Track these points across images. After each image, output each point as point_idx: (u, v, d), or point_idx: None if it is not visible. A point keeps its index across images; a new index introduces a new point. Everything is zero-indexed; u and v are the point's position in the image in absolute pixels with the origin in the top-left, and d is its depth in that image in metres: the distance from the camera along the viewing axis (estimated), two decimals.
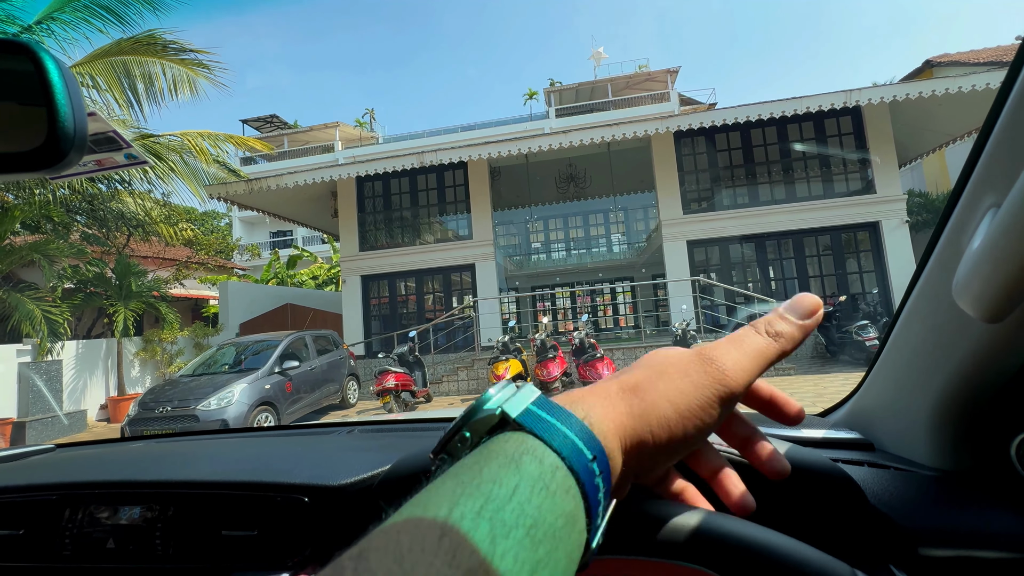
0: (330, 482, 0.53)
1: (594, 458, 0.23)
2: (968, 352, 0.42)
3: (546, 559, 0.18)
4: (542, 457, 0.21)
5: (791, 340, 0.29)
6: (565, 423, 0.23)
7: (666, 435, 0.26)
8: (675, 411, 0.26)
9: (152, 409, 5.60)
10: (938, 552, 0.39)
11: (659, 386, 0.27)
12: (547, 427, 0.23)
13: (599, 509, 0.23)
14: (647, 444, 0.26)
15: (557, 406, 0.25)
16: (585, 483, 0.22)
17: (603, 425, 0.25)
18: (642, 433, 0.26)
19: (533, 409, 0.24)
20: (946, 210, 0.42)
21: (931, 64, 12.28)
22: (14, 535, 0.58)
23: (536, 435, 0.22)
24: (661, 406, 0.26)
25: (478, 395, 0.26)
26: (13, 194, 7.71)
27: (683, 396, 0.27)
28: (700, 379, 0.27)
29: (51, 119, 0.33)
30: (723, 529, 0.29)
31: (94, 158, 0.58)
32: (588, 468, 0.22)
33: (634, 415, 0.26)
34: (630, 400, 0.27)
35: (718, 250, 9.79)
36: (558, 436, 0.23)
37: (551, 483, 0.20)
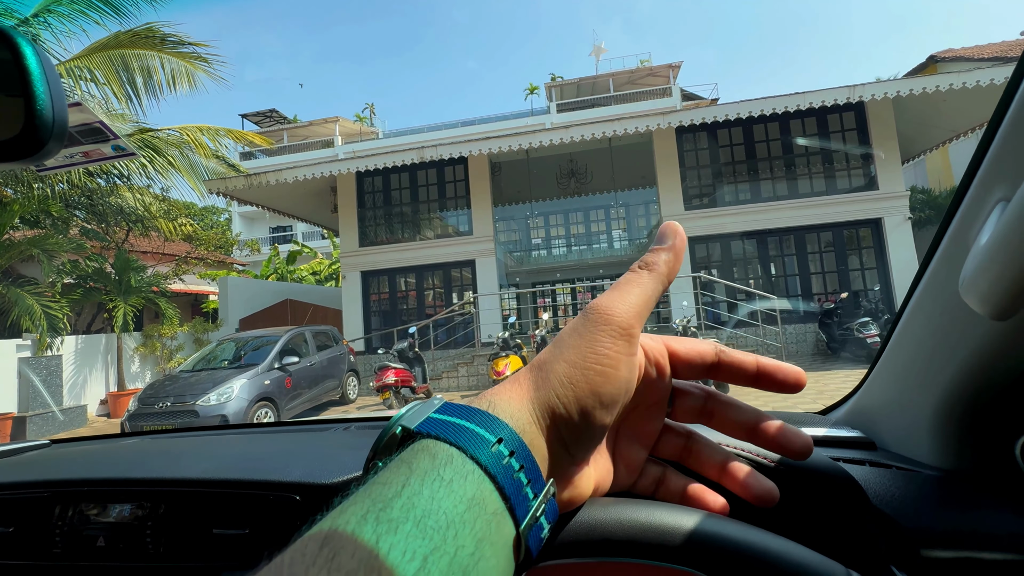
0: (323, 480, 0.52)
1: (499, 440, 0.23)
2: (974, 350, 0.41)
3: (443, 545, 0.18)
4: (435, 452, 0.21)
5: (664, 264, 0.30)
6: (464, 417, 0.23)
7: (572, 392, 0.26)
8: (570, 365, 0.26)
9: (152, 404, 5.62)
10: (940, 553, 0.39)
11: (556, 352, 0.27)
12: (445, 426, 0.23)
13: (524, 490, 0.22)
14: (556, 408, 0.25)
15: (461, 406, 0.25)
16: (488, 465, 0.21)
17: (508, 407, 0.25)
18: (549, 400, 0.25)
19: (434, 416, 0.24)
20: (952, 204, 0.41)
21: (935, 59, 12.21)
22: (5, 532, 0.58)
23: (433, 436, 0.22)
24: (558, 367, 0.26)
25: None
26: (12, 188, 7.69)
27: (574, 350, 0.27)
28: (586, 328, 0.27)
29: (29, 107, 0.32)
30: (715, 531, 0.28)
31: (81, 149, 0.57)
32: (494, 452, 0.22)
33: (538, 386, 0.26)
34: (534, 375, 0.27)
35: (719, 246, 9.77)
36: (456, 430, 0.22)
37: (444, 472, 0.20)
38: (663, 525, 0.29)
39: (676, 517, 0.29)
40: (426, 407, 0.25)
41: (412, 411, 0.25)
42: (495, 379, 6.76)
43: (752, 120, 9.03)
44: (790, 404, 5.33)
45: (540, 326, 7.82)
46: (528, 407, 0.25)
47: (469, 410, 0.24)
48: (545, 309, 12.45)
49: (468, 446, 0.22)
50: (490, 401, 0.25)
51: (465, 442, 0.22)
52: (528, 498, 0.22)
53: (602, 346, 0.26)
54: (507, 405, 0.25)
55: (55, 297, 8.05)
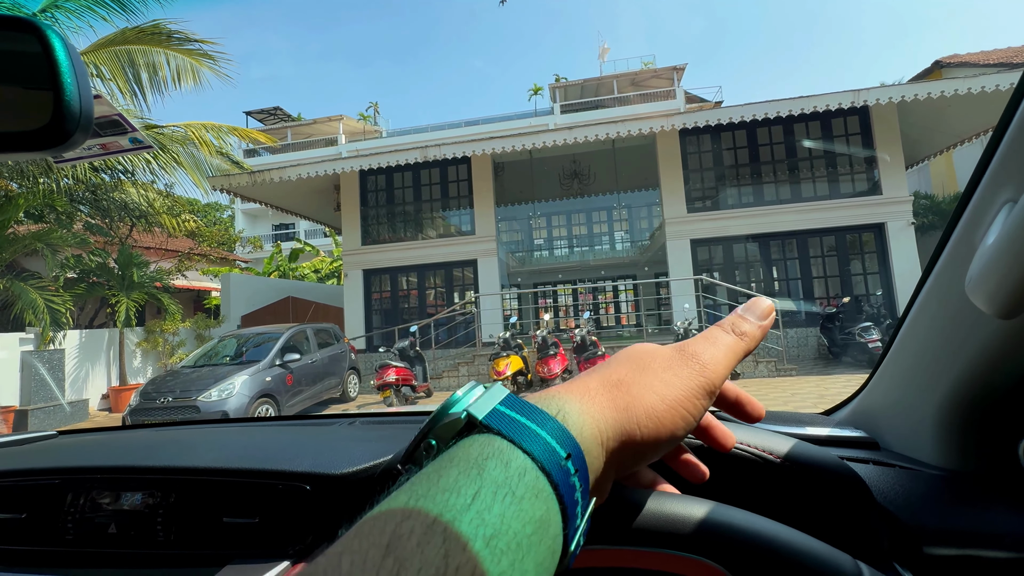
0: (332, 471, 0.53)
1: (568, 456, 0.22)
2: (979, 350, 0.41)
3: (509, 571, 0.17)
4: (509, 460, 0.20)
5: (753, 339, 0.31)
6: (536, 421, 0.22)
7: (654, 426, 0.26)
8: (662, 402, 0.26)
9: (153, 399, 5.63)
10: (943, 551, 0.39)
11: (643, 379, 0.27)
12: (516, 427, 0.22)
13: (576, 510, 0.21)
14: (634, 437, 0.25)
15: (528, 404, 0.24)
16: (559, 483, 0.21)
17: (580, 420, 0.24)
18: (628, 426, 0.25)
19: (501, 409, 0.23)
20: (959, 206, 0.41)
21: (941, 64, 12.19)
22: (16, 519, 0.59)
23: (504, 436, 0.21)
24: (648, 398, 0.26)
25: (471, 382, 0.25)
26: (17, 183, 7.72)
27: (669, 388, 0.27)
28: (684, 371, 0.28)
29: (57, 99, 0.32)
30: (727, 521, 0.29)
31: (99, 141, 0.58)
32: (562, 467, 0.21)
33: (618, 408, 0.25)
34: (613, 394, 0.26)
35: (722, 249, 9.76)
36: (528, 435, 0.21)
37: (518, 487, 0.19)
38: (674, 514, 0.29)
39: (687, 506, 0.30)
40: (492, 395, 0.24)
41: (477, 396, 0.24)
42: (495, 379, 6.76)
43: (756, 123, 9.02)
44: (791, 408, 5.32)
45: (541, 326, 7.82)
46: (599, 425, 0.25)
47: (539, 413, 0.23)
48: (546, 310, 12.43)
49: (543, 459, 0.21)
50: (560, 408, 0.24)
51: (539, 453, 0.21)
52: (578, 517, 0.22)
53: (697, 397, 0.27)
54: (577, 417, 0.24)
55: (58, 291, 8.07)
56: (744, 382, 7.11)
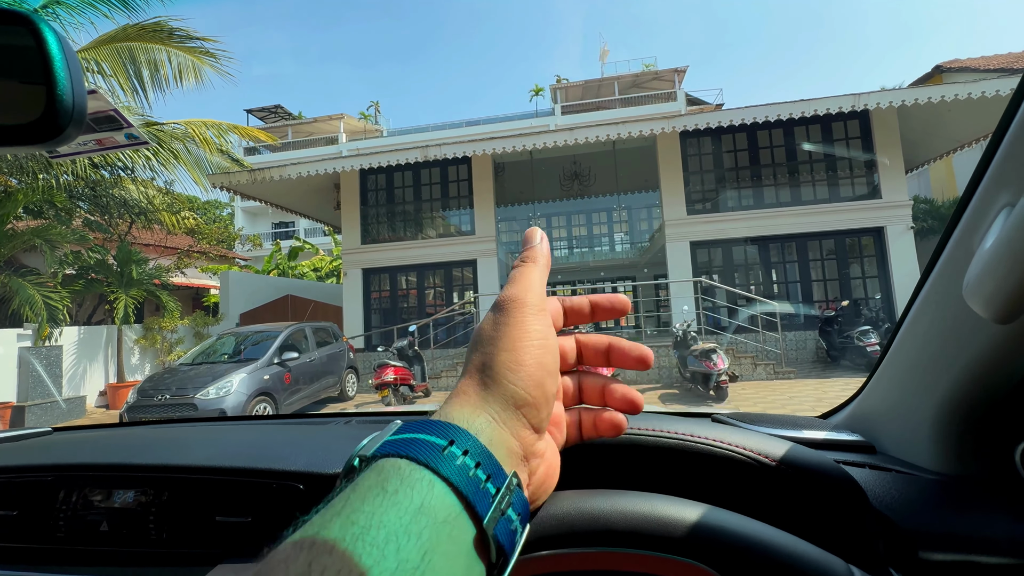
0: (326, 470, 0.53)
1: (451, 442, 0.23)
2: (977, 354, 0.41)
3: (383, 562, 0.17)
4: (382, 467, 0.21)
5: (542, 257, 0.34)
6: (417, 431, 0.23)
7: (522, 372, 0.27)
8: (510, 351, 0.28)
9: (151, 397, 5.62)
10: (939, 556, 0.39)
11: (488, 349, 0.29)
12: (398, 444, 0.23)
13: (483, 487, 0.22)
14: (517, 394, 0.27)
15: (414, 423, 0.25)
16: (439, 468, 0.21)
17: (460, 412, 0.25)
18: (505, 390, 0.27)
19: (390, 438, 0.24)
20: (957, 210, 0.41)
21: (941, 69, 12.21)
22: (8, 515, 0.58)
23: (386, 455, 0.22)
24: (500, 358, 0.28)
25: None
26: (16, 178, 7.71)
27: (506, 338, 0.28)
28: (508, 316, 0.29)
29: (49, 92, 0.32)
30: (719, 524, 0.29)
31: (94, 137, 0.57)
32: (445, 455, 0.22)
33: (487, 384, 0.27)
34: (480, 378, 0.28)
35: (721, 251, 9.77)
36: (406, 444, 0.22)
37: (389, 484, 0.20)
38: (665, 517, 0.29)
39: (679, 509, 0.29)
40: (383, 433, 0.25)
41: (370, 439, 0.25)
42: None
43: (756, 126, 9.02)
44: (788, 410, 5.32)
45: None
46: (482, 406, 0.26)
47: (424, 424, 0.24)
48: None
49: (419, 454, 0.22)
50: (444, 411, 0.26)
51: (416, 452, 0.22)
52: (489, 493, 0.22)
53: (530, 325, 0.29)
54: (459, 411, 0.26)
55: (56, 288, 8.05)
56: (743, 384, 7.11)
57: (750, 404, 5.84)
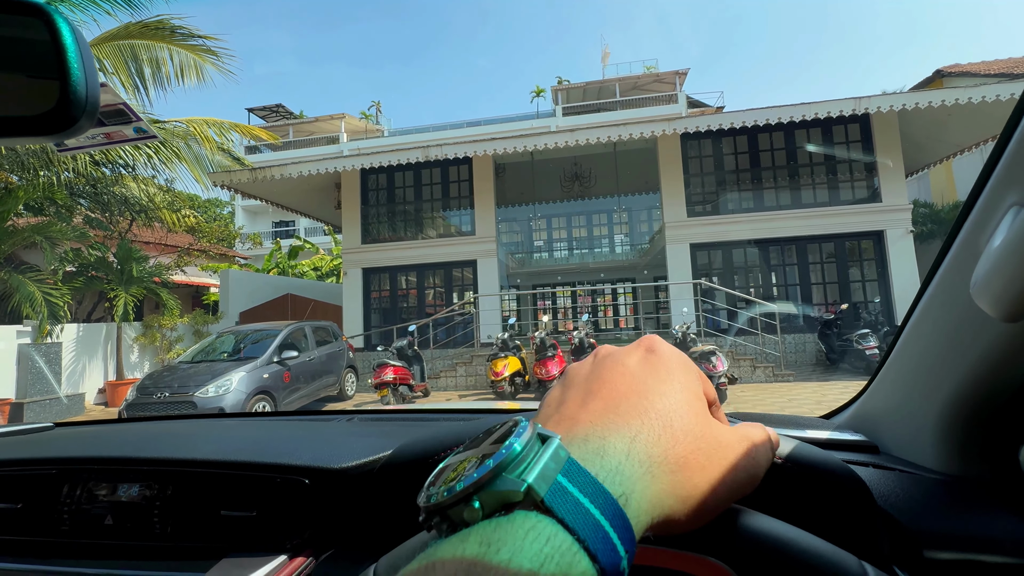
0: (332, 465, 0.53)
1: (628, 552, 0.20)
2: (983, 354, 0.41)
3: None
4: (569, 567, 0.18)
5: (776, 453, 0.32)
6: (599, 505, 0.20)
7: (697, 516, 0.25)
8: (714, 499, 0.25)
9: (150, 394, 5.61)
10: (943, 555, 0.39)
11: (708, 471, 0.25)
12: (581, 515, 0.19)
13: None
14: (679, 523, 0.24)
15: (592, 480, 0.21)
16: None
17: (640, 507, 0.22)
18: (679, 513, 0.24)
19: (563, 483, 0.20)
20: (964, 209, 0.41)
21: (942, 74, 12.23)
22: (12, 508, 0.58)
23: (567, 527, 0.19)
24: (705, 496, 0.25)
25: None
26: (17, 175, 7.70)
27: (725, 487, 0.26)
28: (741, 474, 0.27)
29: (63, 84, 0.32)
30: (732, 519, 0.29)
31: (103, 130, 0.57)
32: (619, 570, 0.19)
33: (677, 496, 0.24)
34: (676, 478, 0.24)
35: (721, 254, 9.77)
36: (593, 530, 0.19)
37: None
38: None
39: None
40: (551, 456, 0.21)
41: (532, 455, 0.21)
42: (493, 380, 6.75)
43: (757, 129, 9.03)
44: (791, 410, 5.32)
45: (540, 328, 7.82)
46: (653, 512, 0.23)
47: (603, 494, 0.21)
48: (545, 311, 12.44)
49: (606, 563, 0.19)
50: (623, 489, 0.22)
51: (603, 557, 0.19)
52: None
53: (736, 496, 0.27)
54: (638, 503, 0.22)
55: (56, 285, 8.04)
56: (742, 387, 7.11)
57: (749, 406, 5.85)
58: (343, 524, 0.51)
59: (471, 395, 7.62)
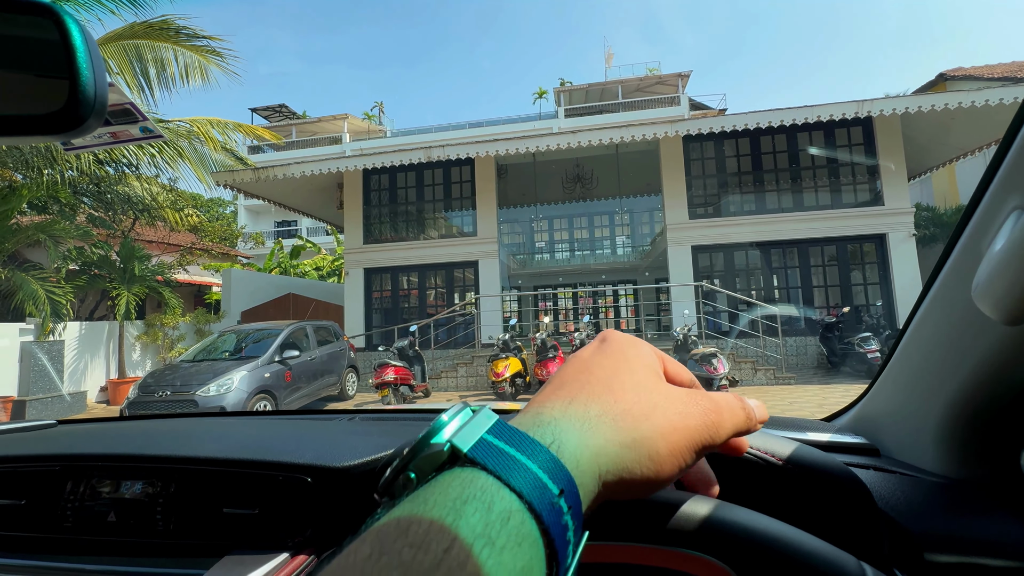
0: (334, 463, 0.53)
1: (561, 492, 0.20)
2: (984, 357, 0.41)
3: None
4: (492, 501, 0.18)
5: (755, 427, 0.30)
6: (527, 452, 0.21)
7: (654, 469, 0.24)
8: (668, 449, 0.25)
9: (152, 393, 5.63)
10: (943, 558, 0.39)
11: (654, 418, 0.25)
12: (504, 460, 0.20)
13: (568, 550, 0.20)
14: (633, 476, 0.24)
15: (519, 432, 0.22)
16: (550, 525, 0.19)
17: (577, 452, 0.22)
18: (630, 464, 0.24)
19: (488, 439, 0.21)
20: (966, 212, 0.41)
21: (945, 77, 12.21)
22: (16, 504, 0.59)
23: (489, 471, 0.19)
24: (656, 442, 0.25)
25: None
26: (22, 174, 7.73)
27: (678, 435, 0.25)
28: (695, 422, 0.26)
29: (72, 83, 0.33)
30: (732, 519, 0.29)
31: (110, 130, 0.58)
32: (554, 506, 0.19)
33: (622, 444, 0.24)
34: (618, 426, 0.24)
35: (722, 256, 9.76)
36: (517, 469, 0.20)
37: (499, 536, 0.17)
38: (679, 511, 0.29)
39: (690, 504, 0.30)
40: (480, 421, 0.22)
41: (463, 423, 0.22)
42: (494, 381, 6.75)
43: (759, 131, 9.03)
44: (792, 413, 5.30)
45: (541, 329, 7.82)
46: (599, 460, 0.23)
47: (531, 443, 0.21)
48: (546, 312, 12.44)
49: (533, 498, 0.19)
50: (556, 437, 0.22)
51: (529, 491, 0.19)
52: (569, 557, 0.20)
53: (697, 451, 0.26)
54: (575, 450, 0.22)
55: (59, 283, 8.07)
56: (743, 389, 7.10)
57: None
58: (345, 523, 0.52)
59: (472, 396, 7.63)
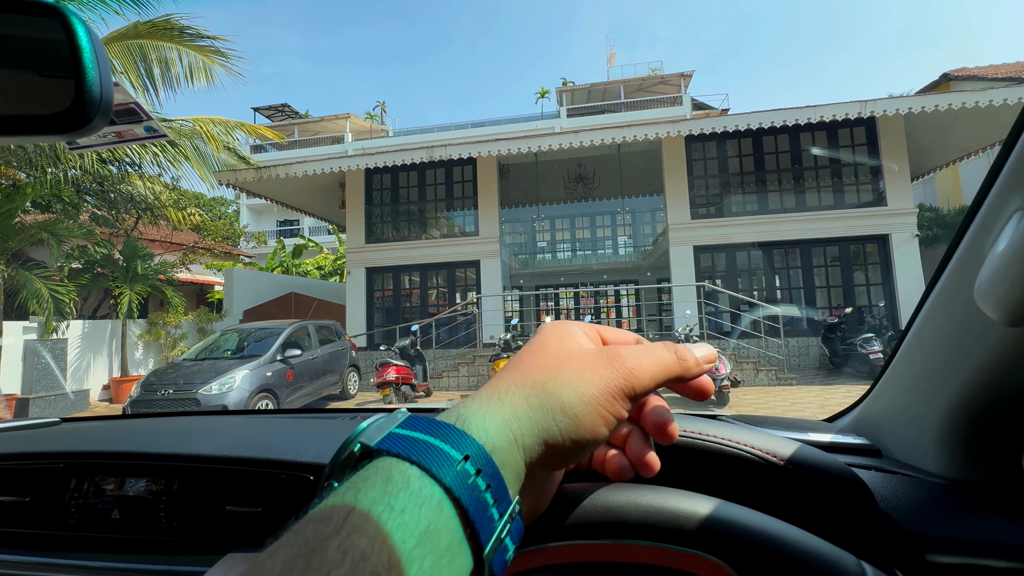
0: None
1: (466, 457, 0.21)
2: (986, 358, 0.41)
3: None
4: (390, 474, 0.19)
5: (688, 369, 0.30)
6: (429, 432, 0.21)
7: (572, 424, 0.25)
8: (580, 399, 0.25)
9: (154, 391, 5.65)
10: (945, 559, 0.39)
11: (560, 376, 0.26)
12: (408, 443, 0.21)
13: (488, 512, 0.20)
14: (553, 435, 0.24)
15: (425, 419, 0.23)
16: (453, 487, 0.20)
17: (482, 422, 0.23)
18: (545, 423, 0.24)
19: (396, 431, 0.22)
20: (969, 213, 0.41)
21: (948, 77, 12.16)
22: (20, 502, 0.59)
23: (394, 454, 0.20)
24: (565, 394, 0.25)
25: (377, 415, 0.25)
26: (25, 173, 7.77)
27: (588, 385, 0.26)
28: (606, 371, 0.27)
29: (78, 83, 0.33)
30: (732, 518, 0.29)
31: (114, 129, 0.58)
32: (459, 471, 0.20)
33: (532, 406, 0.25)
34: (526, 392, 0.25)
35: (724, 256, 9.75)
36: (419, 448, 0.21)
37: (396, 500, 0.18)
38: (677, 510, 0.29)
39: (691, 503, 0.30)
40: (389, 420, 0.23)
41: (373, 425, 0.23)
42: None
43: (762, 131, 9.01)
44: (793, 414, 5.30)
45: None
46: (510, 425, 0.24)
47: (435, 424, 0.22)
48: (548, 312, 12.45)
49: (431, 464, 0.20)
50: (459, 414, 0.24)
51: (428, 460, 0.20)
52: (493, 519, 0.21)
53: (617, 399, 0.26)
54: (481, 420, 0.23)
55: (63, 281, 8.10)
56: (744, 390, 7.09)
57: (752, 409, 5.82)
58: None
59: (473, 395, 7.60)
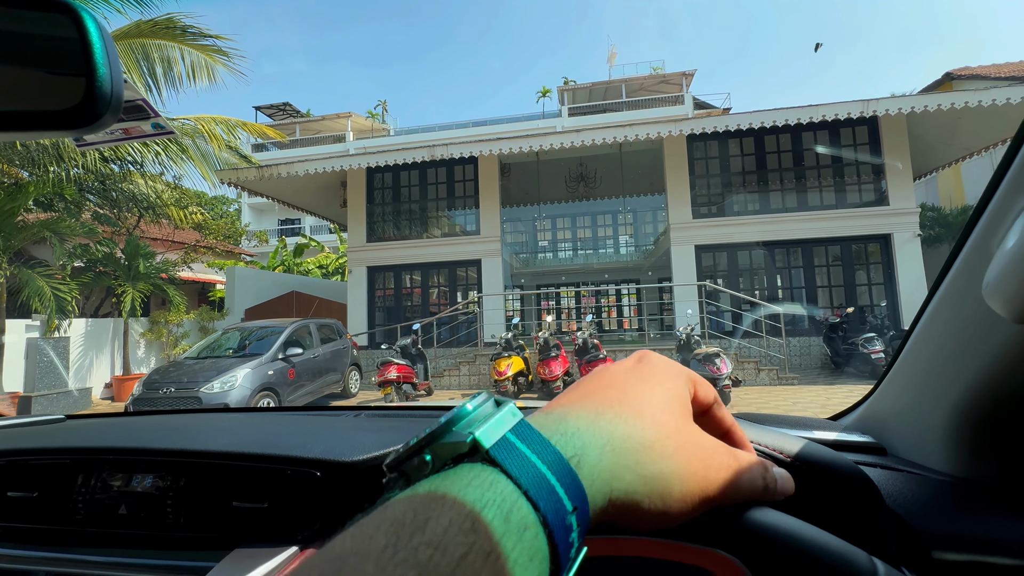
0: (343, 458, 0.53)
1: (575, 509, 0.20)
2: (994, 356, 0.41)
3: None
4: (510, 511, 0.18)
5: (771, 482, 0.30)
6: (547, 461, 0.20)
7: (662, 510, 0.24)
8: (680, 493, 0.24)
9: (156, 389, 5.66)
10: (951, 556, 0.39)
11: (677, 459, 0.25)
12: (526, 467, 0.20)
13: (570, 568, 0.20)
14: (641, 510, 0.24)
15: (542, 438, 0.22)
16: (559, 543, 0.19)
17: (594, 472, 0.22)
18: (641, 498, 0.23)
19: (511, 439, 0.21)
20: (976, 210, 0.41)
21: (951, 77, 12.13)
22: (28, 497, 0.59)
23: (510, 476, 0.19)
24: (671, 482, 0.24)
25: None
26: (28, 171, 7.78)
27: (694, 482, 0.25)
28: (716, 477, 0.26)
29: (89, 80, 0.33)
30: (743, 514, 0.29)
31: (122, 126, 0.59)
32: (567, 524, 0.19)
33: (640, 476, 0.24)
34: (640, 456, 0.24)
35: (726, 256, 9.74)
36: (537, 481, 0.19)
37: (513, 549, 0.17)
38: None
39: None
40: (504, 418, 0.22)
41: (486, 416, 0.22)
42: (496, 379, 6.76)
43: (764, 131, 8.99)
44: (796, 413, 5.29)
45: (543, 328, 7.83)
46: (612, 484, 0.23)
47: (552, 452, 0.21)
48: (549, 311, 12.44)
49: (549, 513, 0.19)
50: (577, 451, 0.22)
51: (547, 506, 0.19)
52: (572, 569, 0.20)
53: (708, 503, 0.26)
54: (592, 468, 0.22)
55: (65, 280, 8.12)
56: (745, 389, 7.08)
57: (753, 409, 5.82)
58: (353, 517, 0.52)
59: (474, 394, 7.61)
